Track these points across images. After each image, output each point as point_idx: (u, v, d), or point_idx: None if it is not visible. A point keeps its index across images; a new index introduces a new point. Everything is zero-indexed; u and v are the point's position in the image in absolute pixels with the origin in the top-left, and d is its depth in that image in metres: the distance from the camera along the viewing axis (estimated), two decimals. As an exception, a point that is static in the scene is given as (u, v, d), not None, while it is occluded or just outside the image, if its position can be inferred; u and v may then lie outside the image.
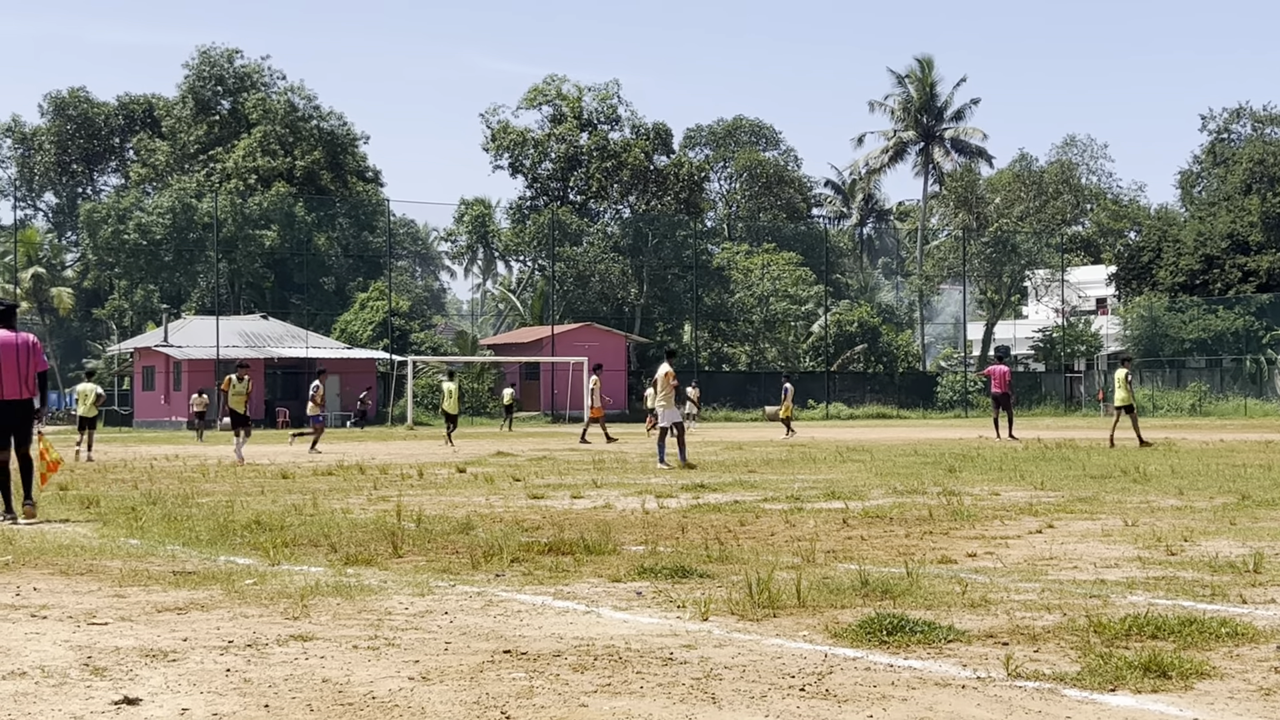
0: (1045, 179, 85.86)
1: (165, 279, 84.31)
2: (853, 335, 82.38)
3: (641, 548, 11.54)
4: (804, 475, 21.76)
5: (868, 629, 7.44)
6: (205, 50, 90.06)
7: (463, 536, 12.43)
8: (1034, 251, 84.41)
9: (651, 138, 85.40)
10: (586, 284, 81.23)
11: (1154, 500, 15.91)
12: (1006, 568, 10.22)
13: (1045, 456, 26.26)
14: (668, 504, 16.12)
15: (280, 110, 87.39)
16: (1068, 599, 8.61)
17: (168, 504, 16.57)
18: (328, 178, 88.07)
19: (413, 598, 8.94)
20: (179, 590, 9.37)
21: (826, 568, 10.16)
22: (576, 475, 22.23)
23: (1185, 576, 9.60)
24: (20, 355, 14.71)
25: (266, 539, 12.19)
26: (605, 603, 8.73)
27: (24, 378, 14.73)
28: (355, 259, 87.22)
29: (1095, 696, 6.02)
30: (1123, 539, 12.02)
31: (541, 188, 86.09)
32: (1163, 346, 75.73)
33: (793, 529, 13.13)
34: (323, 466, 25.49)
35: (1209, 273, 76.30)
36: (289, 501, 16.82)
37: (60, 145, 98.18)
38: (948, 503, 15.63)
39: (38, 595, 9.22)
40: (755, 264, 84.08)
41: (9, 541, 12.44)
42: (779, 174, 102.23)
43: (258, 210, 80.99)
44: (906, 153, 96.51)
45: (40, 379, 14.93)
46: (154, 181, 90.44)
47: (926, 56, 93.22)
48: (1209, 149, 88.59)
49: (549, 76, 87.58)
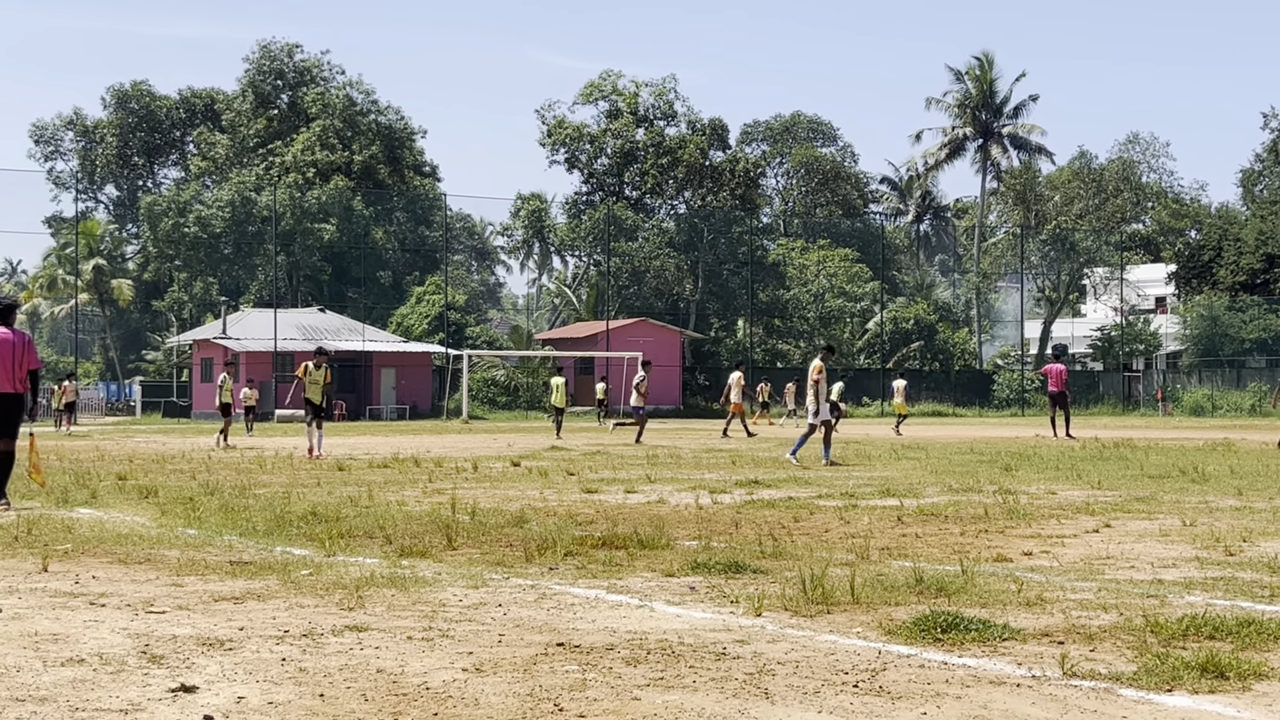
0: (1105, 176, 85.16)
1: (224, 272, 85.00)
2: (909, 332, 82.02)
3: (695, 543, 11.54)
4: (859, 472, 21.69)
5: (922, 626, 7.41)
6: (265, 45, 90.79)
7: (517, 530, 12.46)
8: (1093, 249, 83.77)
9: (707, 133, 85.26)
10: (641, 279, 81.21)
11: (1212, 500, 15.76)
12: (1063, 567, 10.15)
13: (1103, 456, 26.06)
14: (721, 499, 16.11)
15: (339, 105, 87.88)
16: (1124, 598, 8.55)
17: (225, 495, 16.69)
18: (385, 172, 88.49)
19: (467, 590, 8.97)
20: (236, 580, 9.44)
21: (881, 565, 10.12)
22: (630, 470, 22.24)
23: (1244, 577, 9.51)
24: (15, 352, 15.15)
25: (322, 530, 12.27)
26: (659, 597, 8.73)
27: (17, 374, 15.16)
28: (412, 253, 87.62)
29: (1151, 696, 5.97)
30: (1180, 539, 11.91)
31: (597, 183, 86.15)
32: (1223, 346, 75.01)
33: (847, 526, 13.09)
34: (378, 459, 25.61)
35: (1270, 272, 75.52)
36: (345, 493, 16.91)
37: (122, 138, 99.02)
38: (1003, 501, 15.54)
39: (96, 583, 9.31)
40: (811, 260, 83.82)
41: (69, 530, 12.57)
42: (836, 170, 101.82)
43: (316, 204, 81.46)
44: (964, 149, 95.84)
45: (31, 376, 15.37)
46: (214, 175, 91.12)
47: (986, 53, 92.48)
48: (1271, 147, 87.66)
49: (605, 72, 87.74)
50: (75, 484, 18.36)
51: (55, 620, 7.85)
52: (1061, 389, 37.51)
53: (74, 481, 18.83)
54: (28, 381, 15.29)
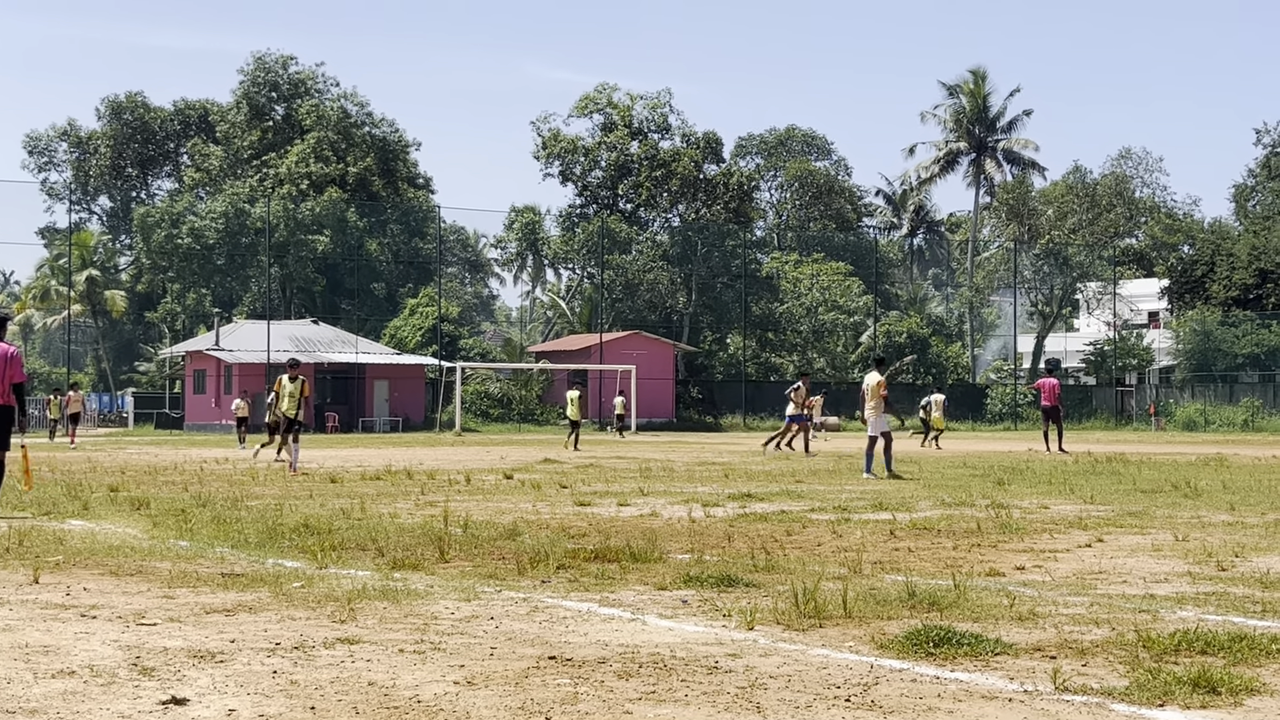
0: (1099, 191, 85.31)
1: (217, 283, 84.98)
2: (902, 346, 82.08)
3: (687, 556, 11.53)
4: (851, 486, 21.69)
5: (914, 640, 7.41)
6: (260, 56, 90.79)
7: (509, 542, 12.45)
8: (1086, 264, 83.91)
9: (702, 147, 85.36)
10: (635, 292, 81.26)
11: (1205, 515, 15.77)
12: (1055, 581, 10.15)
13: (1095, 470, 26.07)
14: (714, 513, 16.10)
15: (333, 117, 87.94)
16: (1117, 613, 8.55)
17: (217, 506, 16.67)
18: (379, 184, 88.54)
19: (459, 603, 8.96)
20: (227, 592, 9.43)
21: (873, 579, 10.12)
22: (623, 483, 22.24)
23: (1236, 592, 9.52)
24: (2, 365, 15.44)
25: (314, 542, 12.25)
26: (651, 610, 8.72)
27: (2, 387, 15.42)
28: (406, 265, 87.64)
29: (1144, 712, 5.97)
30: (1173, 554, 11.92)
31: (591, 196, 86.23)
32: (1215, 361, 75.09)
33: (839, 539, 13.09)
34: (370, 471, 25.58)
35: (1263, 287, 75.64)
36: (337, 505, 16.89)
37: (116, 149, 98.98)
38: (996, 515, 15.54)
39: (88, 595, 9.29)
40: (804, 273, 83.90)
41: (60, 542, 12.55)
42: (829, 184, 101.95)
43: (310, 216, 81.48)
44: (958, 163, 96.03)
45: (17, 390, 15.59)
46: (208, 186, 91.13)
47: (979, 68, 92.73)
48: (1264, 163, 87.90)
49: (600, 85, 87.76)
50: (67, 495, 18.33)
51: (46, 632, 7.83)
52: (1054, 403, 37.58)
53: (66, 493, 18.80)
54: (11, 395, 15.49)
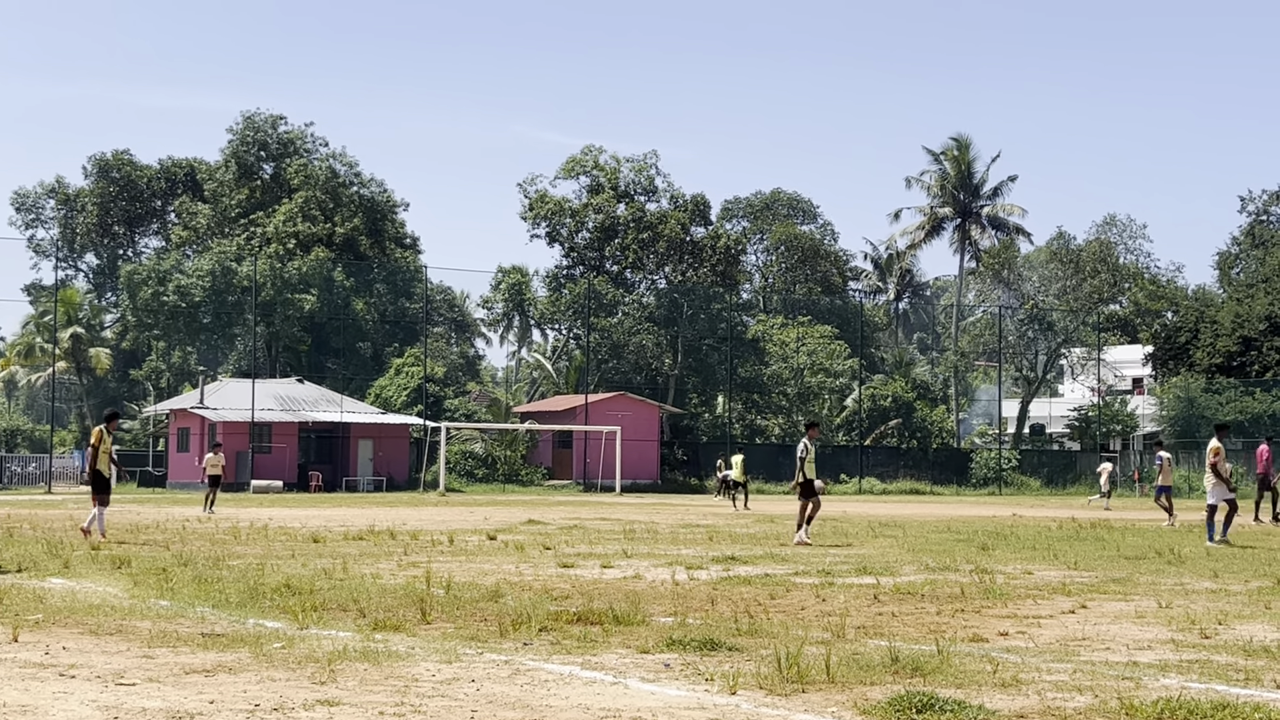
0: (1083, 257, 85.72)
1: (203, 341, 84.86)
2: (887, 410, 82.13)
3: (671, 619, 11.49)
4: (835, 550, 21.65)
5: (897, 706, 7.39)
6: (250, 115, 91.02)
7: (491, 604, 12.41)
8: (1070, 329, 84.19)
9: (689, 209, 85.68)
10: (621, 353, 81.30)
11: (1188, 583, 15.77)
12: (1038, 647, 10.14)
13: (1079, 536, 26.07)
14: (698, 575, 16.06)
15: (321, 176, 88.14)
16: (1100, 680, 8.53)
17: (199, 565, 16.60)
18: (367, 243, 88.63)
19: (440, 665, 8.92)
20: (207, 652, 9.38)
21: (856, 644, 10.09)
22: (607, 545, 22.18)
23: (1219, 660, 9.51)
24: None
25: (296, 603, 12.20)
26: (633, 674, 8.68)
27: None
28: (392, 325, 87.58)
29: (1126, 780, 5.95)
30: (1156, 621, 11.91)
31: (578, 257, 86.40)
32: (1199, 428, 75.10)
33: (823, 604, 13.06)
34: (353, 531, 25.48)
35: (1246, 354, 75.88)
36: (319, 565, 16.82)
37: (103, 207, 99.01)
38: (980, 580, 15.53)
39: (67, 654, 9.23)
40: (790, 336, 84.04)
41: (40, 600, 12.48)
42: (815, 247, 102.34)
43: (296, 275, 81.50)
44: (943, 228, 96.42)
45: None
46: (194, 244, 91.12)
47: (962, 136, 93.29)
48: (1248, 230, 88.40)
49: (587, 147, 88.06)
50: (48, 553, 18.24)
51: (24, 691, 7.78)
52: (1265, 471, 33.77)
53: (46, 551, 18.71)
54: None
